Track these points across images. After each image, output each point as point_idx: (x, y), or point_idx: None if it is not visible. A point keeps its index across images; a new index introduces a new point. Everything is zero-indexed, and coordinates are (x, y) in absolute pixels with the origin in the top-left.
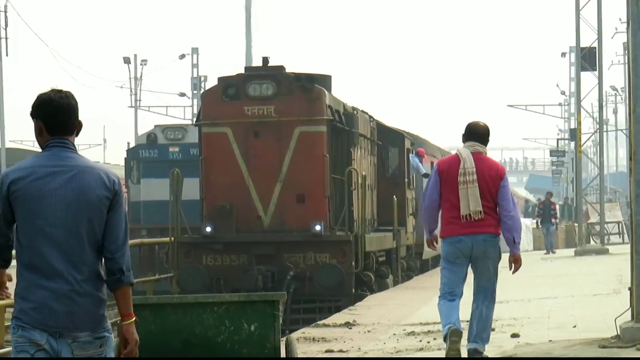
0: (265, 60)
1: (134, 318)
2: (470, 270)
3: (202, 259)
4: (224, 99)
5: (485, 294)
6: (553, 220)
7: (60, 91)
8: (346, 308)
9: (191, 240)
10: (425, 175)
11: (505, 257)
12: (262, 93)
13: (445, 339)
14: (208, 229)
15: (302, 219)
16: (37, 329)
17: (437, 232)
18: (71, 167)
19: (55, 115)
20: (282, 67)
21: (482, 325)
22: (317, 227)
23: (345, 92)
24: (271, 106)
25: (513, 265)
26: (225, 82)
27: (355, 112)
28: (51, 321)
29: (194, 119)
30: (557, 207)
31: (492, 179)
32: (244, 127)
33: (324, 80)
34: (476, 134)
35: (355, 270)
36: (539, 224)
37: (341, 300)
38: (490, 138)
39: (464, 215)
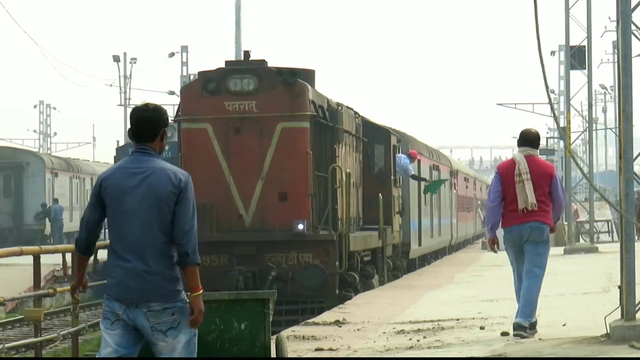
0: (246, 54)
1: (200, 291)
2: None
3: None
4: (204, 94)
5: (530, 277)
6: None
7: (147, 104)
8: (330, 309)
9: None
10: (414, 177)
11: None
12: (243, 88)
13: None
14: None
15: (285, 217)
16: (117, 301)
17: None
18: (147, 169)
19: (137, 125)
20: (264, 62)
21: (525, 302)
22: (300, 226)
23: (332, 87)
24: (252, 101)
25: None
26: (205, 77)
27: (339, 107)
28: (127, 295)
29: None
30: None
31: (543, 177)
32: (224, 123)
33: (307, 75)
34: (528, 139)
35: (339, 271)
36: None
37: (325, 301)
38: (540, 142)
39: (521, 209)
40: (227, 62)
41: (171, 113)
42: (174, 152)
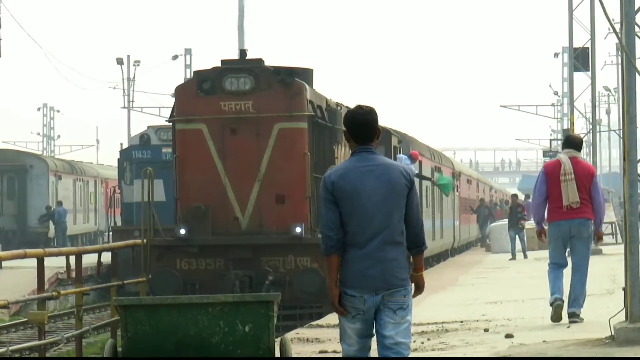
0: (242, 53)
1: (423, 271)
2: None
3: (176, 263)
4: (199, 94)
5: (579, 270)
6: (521, 223)
7: (362, 107)
8: (327, 315)
9: (164, 243)
10: (418, 176)
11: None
12: (239, 87)
13: (551, 305)
14: (182, 231)
15: (282, 220)
16: (357, 291)
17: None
18: (378, 166)
19: (359, 128)
20: (260, 60)
21: (577, 294)
22: (298, 229)
23: (332, 87)
24: (249, 101)
25: (597, 239)
26: (200, 76)
27: (339, 107)
28: (369, 283)
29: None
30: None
31: (585, 177)
32: (220, 124)
33: (305, 74)
34: (572, 143)
35: None
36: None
37: (323, 306)
38: (582, 146)
39: (565, 205)
40: (222, 61)
41: None
42: (157, 155)
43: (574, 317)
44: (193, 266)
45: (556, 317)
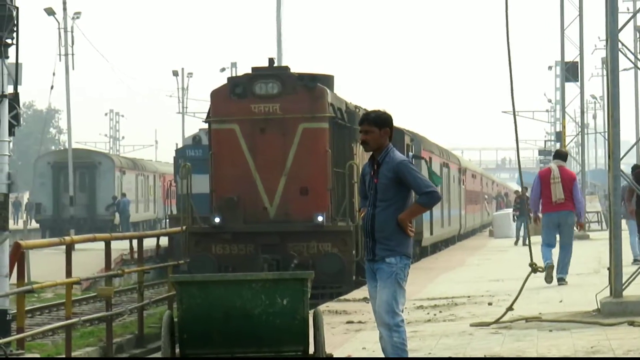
0: (271, 61)
1: None
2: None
3: (211, 248)
4: (232, 98)
5: (566, 247)
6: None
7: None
8: (347, 294)
9: (201, 230)
10: None
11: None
12: (268, 92)
13: (544, 268)
14: (217, 220)
15: (306, 210)
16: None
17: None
18: None
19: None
20: (287, 68)
21: (563, 264)
22: (320, 218)
23: (352, 92)
24: (276, 104)
25: (579, 227)
26: (233, 82)
27: (357, 109)
28: None
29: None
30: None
31: (569, 181)
32: (250, 124)
33: (327, 80)
34: (560, 155)
35: (355, 259)
36: (515, 217)
37: (342, 287)
38: (568, 157)
39: (554, 201)
40: (253, 68)
41: None
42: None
43: (562, 281)
44: (227, 251)
45: (549, 278)
